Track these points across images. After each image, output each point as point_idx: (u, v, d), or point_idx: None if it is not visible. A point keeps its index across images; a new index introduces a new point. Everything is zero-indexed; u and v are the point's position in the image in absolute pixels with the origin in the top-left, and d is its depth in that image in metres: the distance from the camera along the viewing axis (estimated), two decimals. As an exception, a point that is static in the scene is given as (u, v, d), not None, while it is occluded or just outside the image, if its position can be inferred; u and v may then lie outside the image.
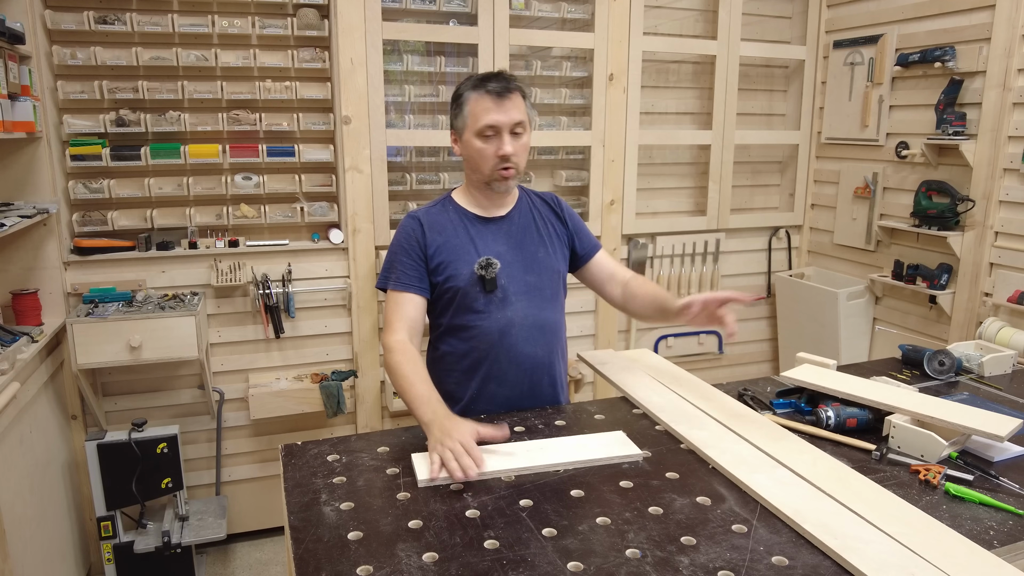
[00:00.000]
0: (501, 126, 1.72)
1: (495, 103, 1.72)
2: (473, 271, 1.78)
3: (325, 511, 1.33)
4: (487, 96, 1.72)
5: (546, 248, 1.88)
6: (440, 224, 1.84)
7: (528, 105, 1.79)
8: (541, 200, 1.96)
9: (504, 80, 1.74)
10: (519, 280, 1.82)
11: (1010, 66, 2.68)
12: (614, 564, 1.17)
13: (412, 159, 3.22)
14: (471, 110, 1.74)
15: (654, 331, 3.61)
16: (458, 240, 1.82)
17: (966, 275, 2.90)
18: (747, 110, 3.64)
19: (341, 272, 3.02)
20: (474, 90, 1.74)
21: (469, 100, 1.75)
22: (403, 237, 1.83)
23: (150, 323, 2.52)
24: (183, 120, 2.76)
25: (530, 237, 1.87)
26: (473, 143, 1.75)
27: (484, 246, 1.82)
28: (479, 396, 1.85)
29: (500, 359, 1.82)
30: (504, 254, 1.82)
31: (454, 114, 1.81)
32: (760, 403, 1.87)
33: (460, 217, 1.85)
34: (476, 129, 1.74)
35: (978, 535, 1.27)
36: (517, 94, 1.75)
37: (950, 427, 1.60)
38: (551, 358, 1.89)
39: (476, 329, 1.81)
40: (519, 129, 1.75)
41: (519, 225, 1.88)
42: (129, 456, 2.51)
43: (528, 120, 1.78)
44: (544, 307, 1.85)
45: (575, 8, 3.22)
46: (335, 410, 2.96)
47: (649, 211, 3.58)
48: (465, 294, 1.79)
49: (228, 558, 3.02)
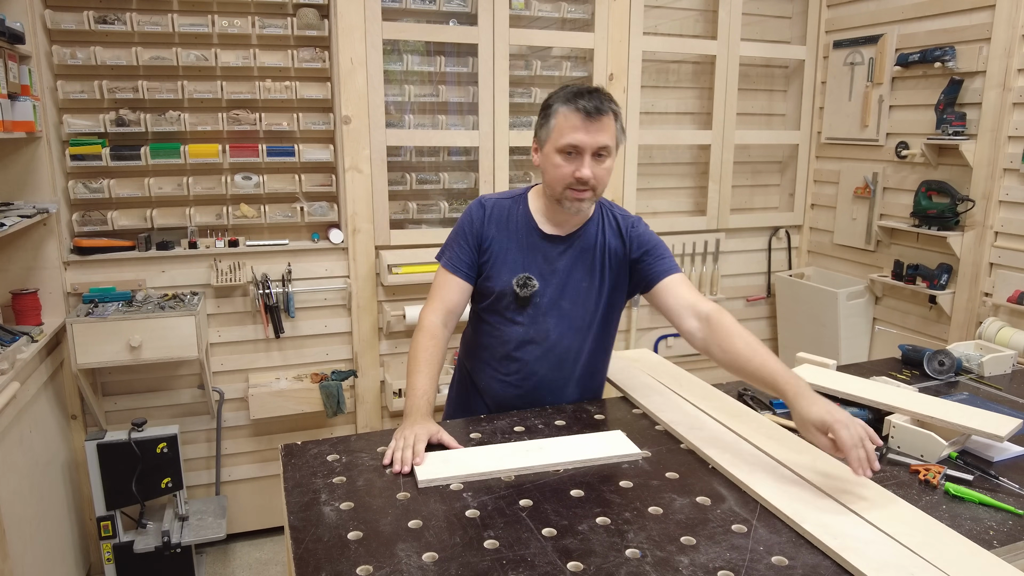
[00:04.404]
0: (584, 147, 1.63)
1: (584, 123, 1.62)
2: (512, 282, 1.76)
3: (325, 511, 1.33)
4: (577, 114, 1.62)
5: (592, 278, 1.80)
6: (503, 220, 1.79)
7: (619, 128, 1.68)
8: (615, 221, 1.84)
9: (598, 99, 1.64)
10: (555, 304, 1.79)
11: (1010, 66, 2.68)
12: (614, 564, 1.17)
13: (412, 159, 3.22)
14: (558, 124, 1.65)
15: (654, 331, 3.61)
16: (511, 244, 1.78)
17: (966, 275, 2.90)
18: (747, 110, 3.63)
19: (341, 272, 3.02)
20: (565, 104, 1.65)
21: (558, 113, 1.66)
22: (466, 221, 1.81)
23: (150, 323, 2.52)
24: (183, 120, 2.76)
25: (583, 264, 1.80)
26: (552, 158, 1.67)
27: (533, 262, 1.77)
28: (487, 391, 1.87)
29: (511, 366, 1.83)
30: (548, 276, 1.78)
31: (540, 123, 1.72)
32: (760, 403, 1.87)
33: (525, 222, 1.80)
34: (559, 145, 1.65)
35: (978, 535, 1.27)
36: (609, 116, 1.64)
37: (950, 427, 1.60)
38: (561, 383, 1.85)
39: (500, 330, 1.82)
40: (603, 152, 1.65)
41: (577, 248, 1.80)
42: (129, 456, 2.51)
43: (615, 145, 1.68)
44: (572, 335, 1.81)
45: (575, 8, 3.22)
46: (335, 410, 2.96)
47: (649, 211, 3.58)
48: (499, 298, 1.79)
49: (228, 558, 3.02)
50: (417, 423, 1.59)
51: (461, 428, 1.70)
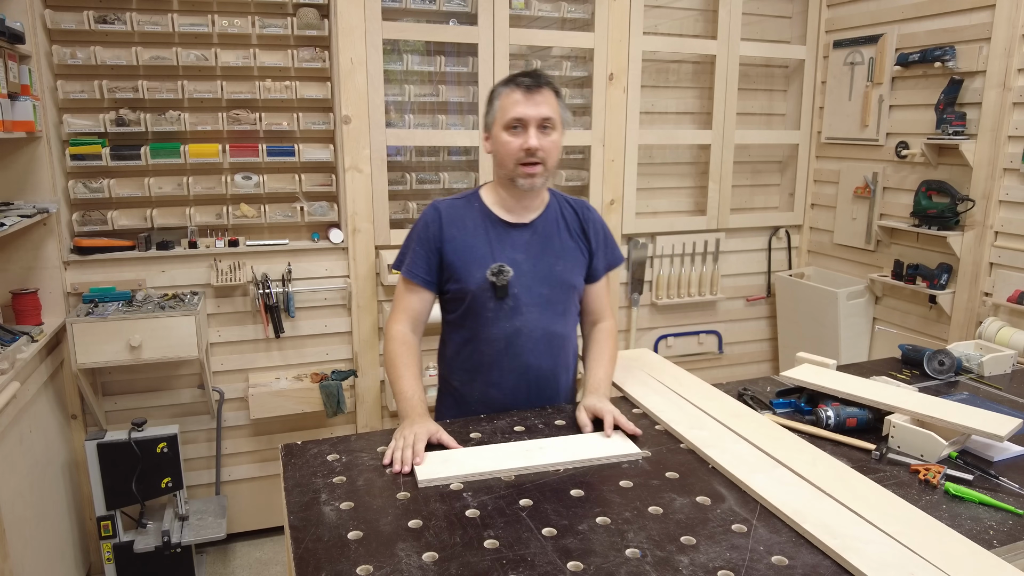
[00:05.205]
0: (528, 119, 1.69)
1: (524, 96, 1.70)
2: (486, 276, 1.76)
3: (325, 511, 1.33)
4: (517, 89, 1.71)
5: (565, 262, 1.84)
6: (460, 220, 1.81)
7: (561, 104, 1.76)
8: (571, 209, 1.90)
9: (536, 76, 1.73)
10: (532, 291, 1.79)
11: (1010, 66, 2.67)
12: (614, 564, 1.17)
13: (412, 159, 3.22)
14: (501, 104, 1.73)
15: (654, 331, 3.61)
16: (476, 241, 1.79)
17: (966, 275, 2.90)
18: (747, 110, 3.63)
19: (341, 272, 3.02)
20: (505, 85, 1.74)
21: (500, 95, 1.74)
22: (421, 226, 1.82)
23: (150, 323, 2.52)
24: (183, 120, 2.76)
25: (551, 248, 1.83)
26: (500, 136, 1.73)
27: (501, 252, 1.79)
28: (482, 400, 1.85)
29: (504, 367, 1.82)
30: (521, 263, 1.79)
31: (487, 111, 1.79)
32: (760, 403, 1.87)
33: (483, 217, 1.82)
34: (504, 122, 1.72)
35: (978, 535, 1.27)
36: (548, 90, 1.72)
37: (950, 427, 1.60)
38: (555, 371, 1.87)
39: (483, 333, 1.80)
40: (548, 125, 1.72)
41: (542, 234, 1.83)
42: (129, 456, 2.51)
43: (559, 118, 1.75)
44: (555, 320, 1.83)
45: (575, 8, 3.22)
46: (335, 410, 2.96)
47: (649, 211, 3.58)
48: (476, 298, 1.78)
49: (228, 558, 3.02)
50: (416, 422, 1.59)
51: (461, 428, 1.70)
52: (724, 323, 3.75)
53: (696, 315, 3.68)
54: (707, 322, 3.72)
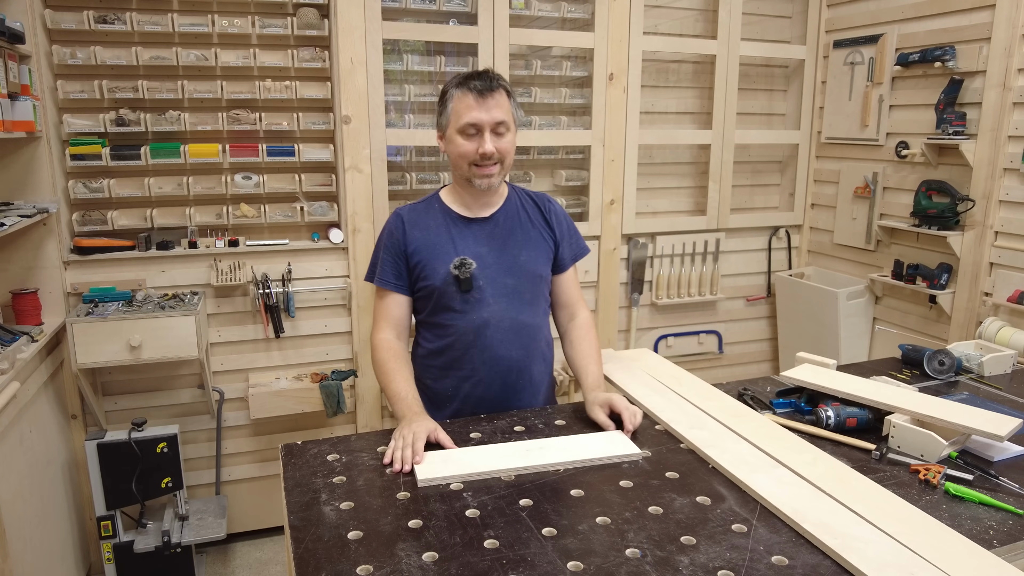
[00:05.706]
0: (483, 124, 1.72)
1: (477, 101, 1.71)
2: (449, 270, 1.79)
3: (325, 511, 1.33)
4: (470, 94, 1.72)
5: (529, 251, 1.87)
6: (422, 222, 1.85)
7: (513, 104, 1.79)
8: (532, 201, 1.94)
9: (488, 79, 1.74)
10: (498, 282, 1.81)
11: (1010, 66, 2.67)
12: (614, 564, 1.17)
13: (412, 159, 3.22)
14: (454, 107, 1.75)
15: (654, 331, 3.61)
16: (438, 239, 1.82)
17: (966, 275, 2.90)
18: (747, 110, 3.63)
19: (341, 272, 3.02)
20: (458, 87, 1.75)
21: (453, 98, 1.75)
22: (386, 234, 1.87)
23: (150, 323, 2.52)
24: (183, 120, 2.76)
25: (514, 239, 1.86)
26: (455, 140, 1.76)
27: (464, 246, 1.82)
28: (456, 395, 1.85)
29: (475, 359, 1.82)
30: (484, 255, 1.82)
31: (440, 112, 1.81)
32: (760, 403, 1.87)
33: (444, 216, 1.86)
34: (458, 127, 1.74)
35: (978, 535, 1.27)
36: (500, 92, 1.74)
37: (950, 427, 1.60)
38: (528, 361, 1.88)
39: (452, 327, 1.82)
40: (501, 129, 1.75)
41: (504, 227, 1.87)
42: (129, 456, 2.51)
43: (512, 120, 1.78)
44: (522, 310, 1.84)
45: (575, 8, 3.22)
46: (335, 410, 2.96)
47: (649, 211, 3.58)
48: (442, 293, 1.80)
49: (228, 558, 3.02)
50: (414, 421, 1.59)
51: (461, 428, 1.70)
52: (724, 323, 3.75)
53: (696, 315, 3.69)
54: (707, 322, 3.72)
